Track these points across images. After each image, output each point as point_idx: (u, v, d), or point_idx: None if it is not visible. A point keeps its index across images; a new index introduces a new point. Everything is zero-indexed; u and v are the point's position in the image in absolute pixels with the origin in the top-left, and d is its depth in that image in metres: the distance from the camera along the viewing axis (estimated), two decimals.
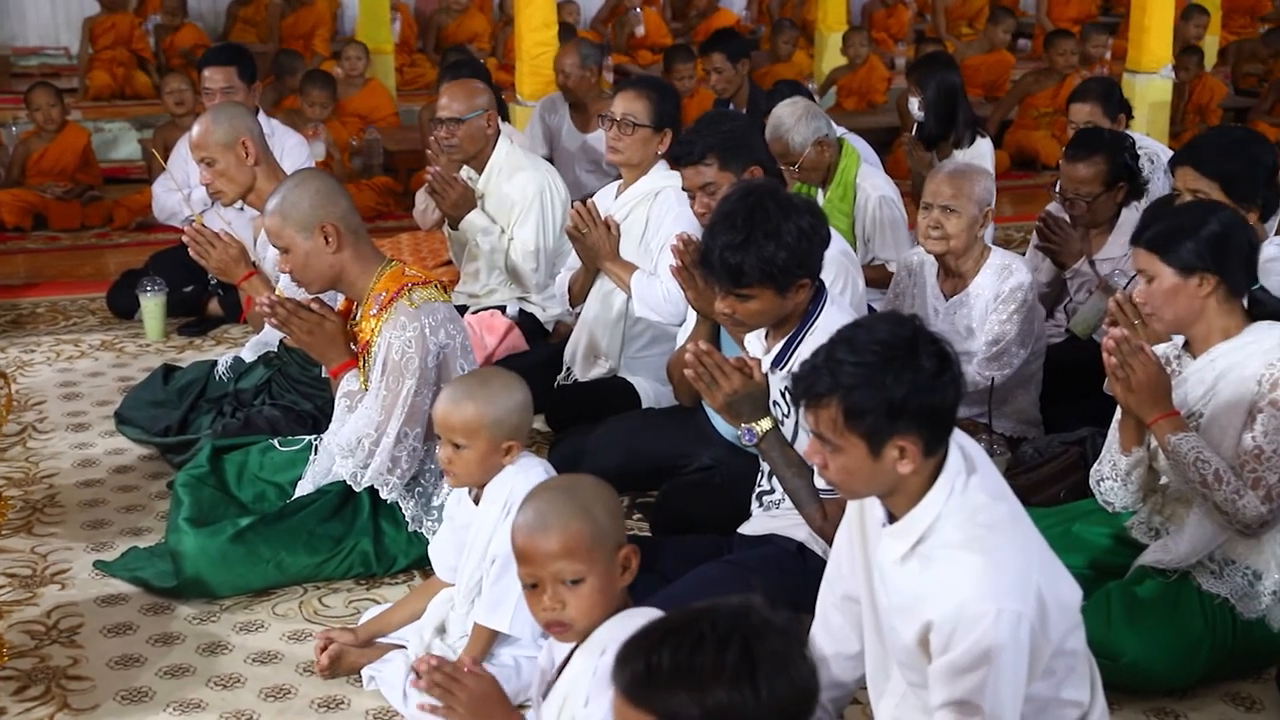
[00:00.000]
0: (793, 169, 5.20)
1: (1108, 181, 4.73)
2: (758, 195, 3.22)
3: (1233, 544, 3.24)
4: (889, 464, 2.38)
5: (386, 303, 3.65)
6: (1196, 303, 3.19)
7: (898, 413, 2.34)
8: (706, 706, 1.69)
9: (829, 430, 2.39)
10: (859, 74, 10.40)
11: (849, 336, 2.40)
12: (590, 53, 6.92)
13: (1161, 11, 8.53)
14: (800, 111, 5.25)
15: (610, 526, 2.43)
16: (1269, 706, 3.20)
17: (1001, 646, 2.29)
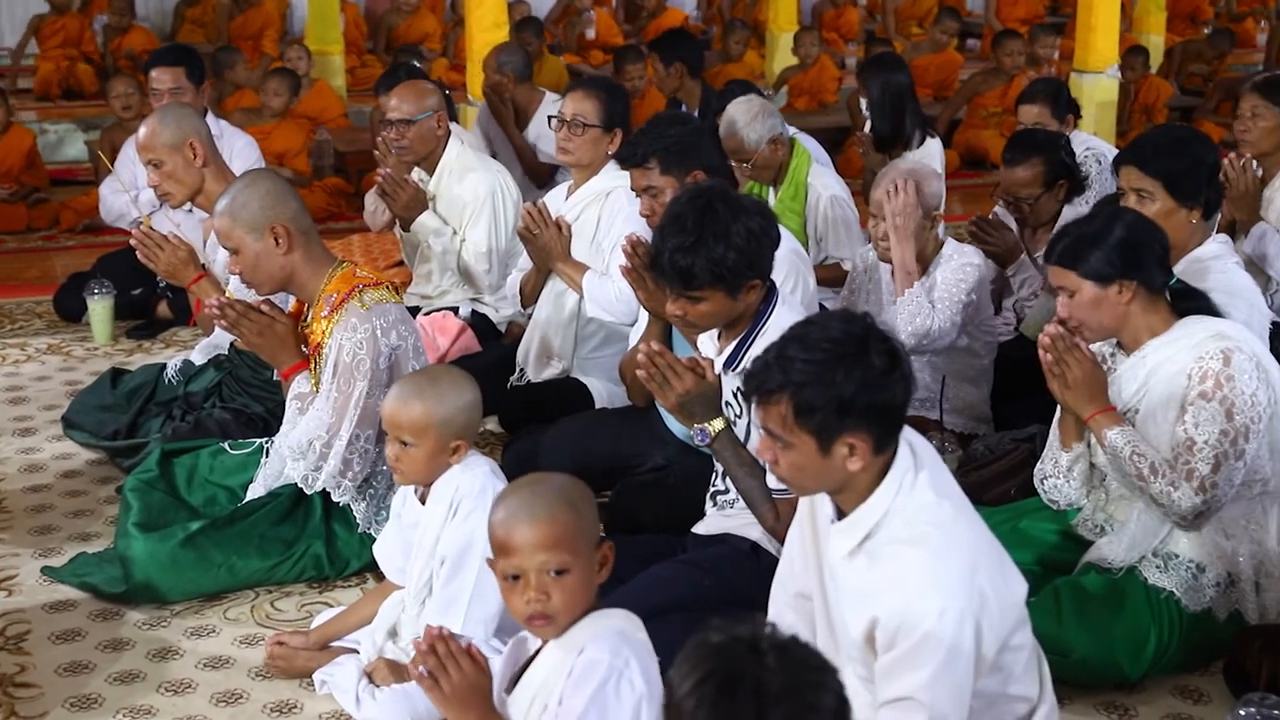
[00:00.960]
0: (745, 166, 5.23)
1: (1047, 181, 4.79)
2: (707, 197, 3.23)
3: (1176, 538, 3.28)
4: (838, 461, 2.39)
5: (338, 304, 3.63)
6: (1120, 309, 3.24)
7: (847, 410, 2.35)
8: None
9: (779, 427, 2.40)
10: (810, 74, 10.45)
11: (801, 334, 2.42)
12: (507, 59, 6.89)
13: (1108, 12, 8.63)
14: (755, 110, 5.28)
15: (592, 520, 2.43)
16: (1216, 699, 3.24)
17: (946, 643, 2.31)
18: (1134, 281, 3.23)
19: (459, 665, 2.39)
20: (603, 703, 2.28)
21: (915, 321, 4.16)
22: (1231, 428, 3.14)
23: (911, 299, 4.18)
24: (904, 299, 4.20)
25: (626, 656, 2.32)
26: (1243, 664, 3.15)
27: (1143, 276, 3.24)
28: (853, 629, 2.45)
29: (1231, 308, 3.53)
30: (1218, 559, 3.27)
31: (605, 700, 2.29)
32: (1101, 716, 3.21)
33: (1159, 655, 3.26)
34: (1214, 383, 3.15)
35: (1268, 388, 3.19)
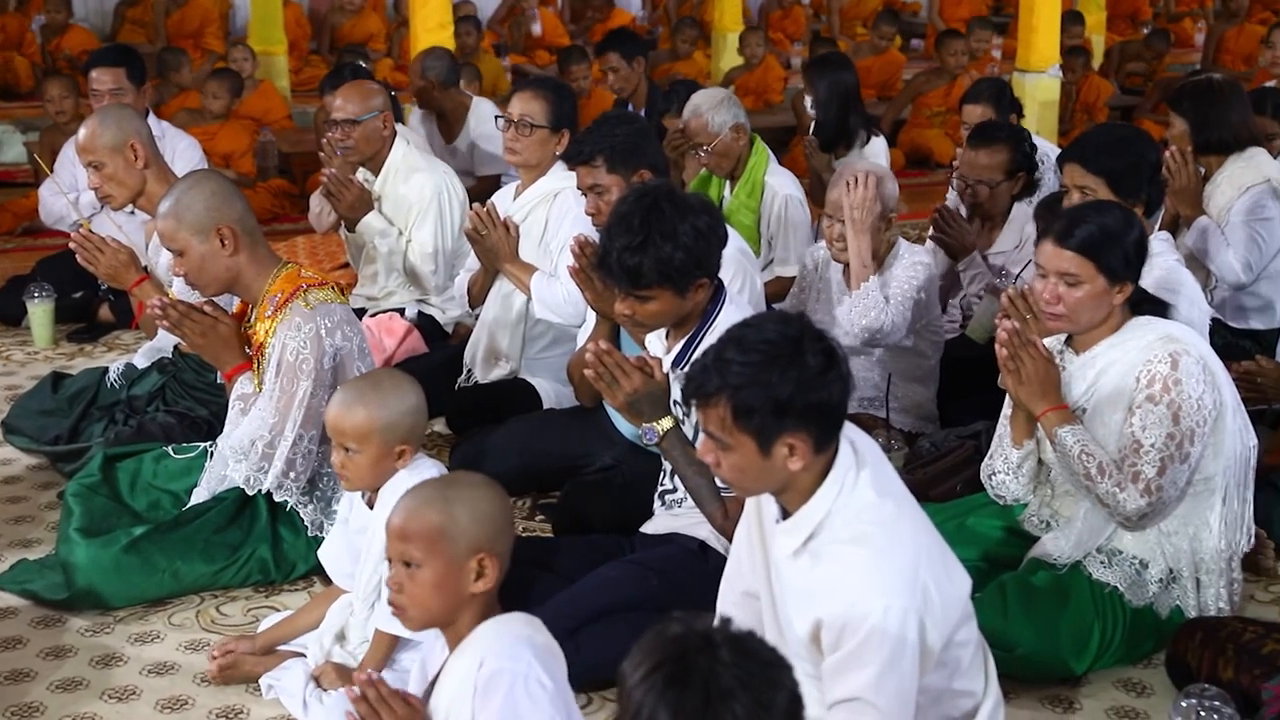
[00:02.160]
0: (703, 152, 5.25)
1: (1009, 170, 4.84)
2: (653, 197, 3.24)
3: (1120, 535, 3.31)
4: (779, 461, 2.40)
5: (281, 304, 3.61)
6: (1109, 306, 3.26)
7: (784, 411, 2.37)
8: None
9: (719, 429, 2.41)
10: (755, 74, 10.49)
11: (737, 336, 2.43)
12: (432, 64, 6.87)
13: (1049, 12, 8.71)
14: (720, 97, 5.36)
15: (468, 528, 2.38)
16: (1159, 691, 3.28)
17: (891, 641, 2.33)
18: (1131, 285, 3.26)
19: (392, 710, 2.37)
20: (514, 708, 2.26)
21: (869, 316, 4.18)
22: (1178, 431, 3.17)
23: (866, 293, 4.20)
24: (859, 293, 4.21)
25: (527, 659, 2.31)
26: (1184, 657, 3.19)
27: (1136, 281, 3.28)
28: (798, 628, 2.46)
29: (1173, 303, 3.57)
30: (1160, 555, 3.31)
31: (517, 705, 2.27)
32: (1046, 710, 3.23)
33: (1103, 649, 3.29)
34: (1161, 386, 3.18)
35: (1214, 390, 3.23)
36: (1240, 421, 3.34)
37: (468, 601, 2.40)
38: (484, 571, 2.39)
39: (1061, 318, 3.27)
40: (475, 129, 6.83)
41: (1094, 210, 3.36)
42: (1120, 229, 3.25)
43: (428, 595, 2.38)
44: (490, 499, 2.45)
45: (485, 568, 2.39)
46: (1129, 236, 3.25)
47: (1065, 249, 3.24)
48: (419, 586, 2.38)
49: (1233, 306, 4.99)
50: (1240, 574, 3.42)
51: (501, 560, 2.41)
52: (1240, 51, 11.09)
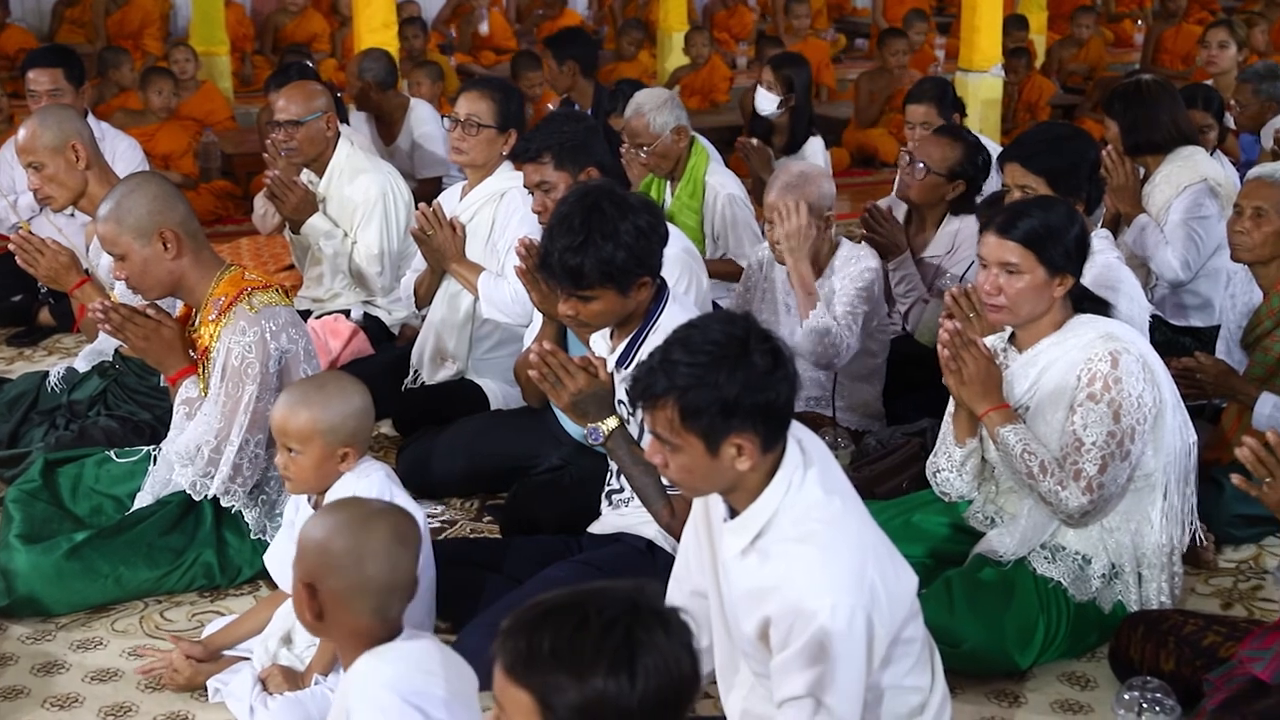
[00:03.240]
0: (642, 154, 5.25)
1: (952, 170, 4.81)
2: (594, 196, 3.24)
3: (1064, 531, 3.35)
4: (727, 462, 2.41)
5: (226, 307, 3.58)
6: (1050, 300, 3.30)
7: (732, 411, 2.37)
8: (583, 690, 1.72)
9: (666, 430, 2.42)
10: (701, 73, 10.51)
11: (683, 337, 2.44)
12: (369, 66, 6.84)
13: (991, 12, 8.79)
14: (664, 98, 5.37)
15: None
16: (1102, 684, 3.32)
17: (839, 639, 2.34)
18: (1073, 278, 3.29)
19: None
20: None
21: (824, 343, 4.19)
22: (1119, 429, 3.20)
23: (816, 321, 4.21)
24: (811, 325, 4.21)
25: (396, 710, 2.32)
26: (1127, 650, 3.23)
27: (1077, 275, 3.31)
28: (746, 627, 2.47)
29: (1111, 300, 3.61)
30: (1103, 551, 3.35)
31: None
32: (992, 705, 3.26)
33: (1047, 644, 3.33)
34: (1102, 384, 3.21)
35: (1154, 388, 3.27)
36: (1180, 418, 3.38)
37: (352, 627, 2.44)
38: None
39: (1002, 309, 3.30)
40: (415, 131, 6.80)
41: (1036, 204, 3.40)
42: (1062, 222, 3.29)
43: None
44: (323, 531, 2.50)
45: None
46: (1070, 230, 3.28)
47: (1007, 239, 3.28)
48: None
49: (1173, 304, 5.05)
50: (1181, 568, 3.47)
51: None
52: (1178, 51, 11.21)
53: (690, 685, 1.79)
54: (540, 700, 1.75)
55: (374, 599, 2.43)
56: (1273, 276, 4.00)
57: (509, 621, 1.80)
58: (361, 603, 2.42)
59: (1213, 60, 7.66)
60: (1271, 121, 6.48)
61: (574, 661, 1.73)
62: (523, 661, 1.76)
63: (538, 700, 1.75)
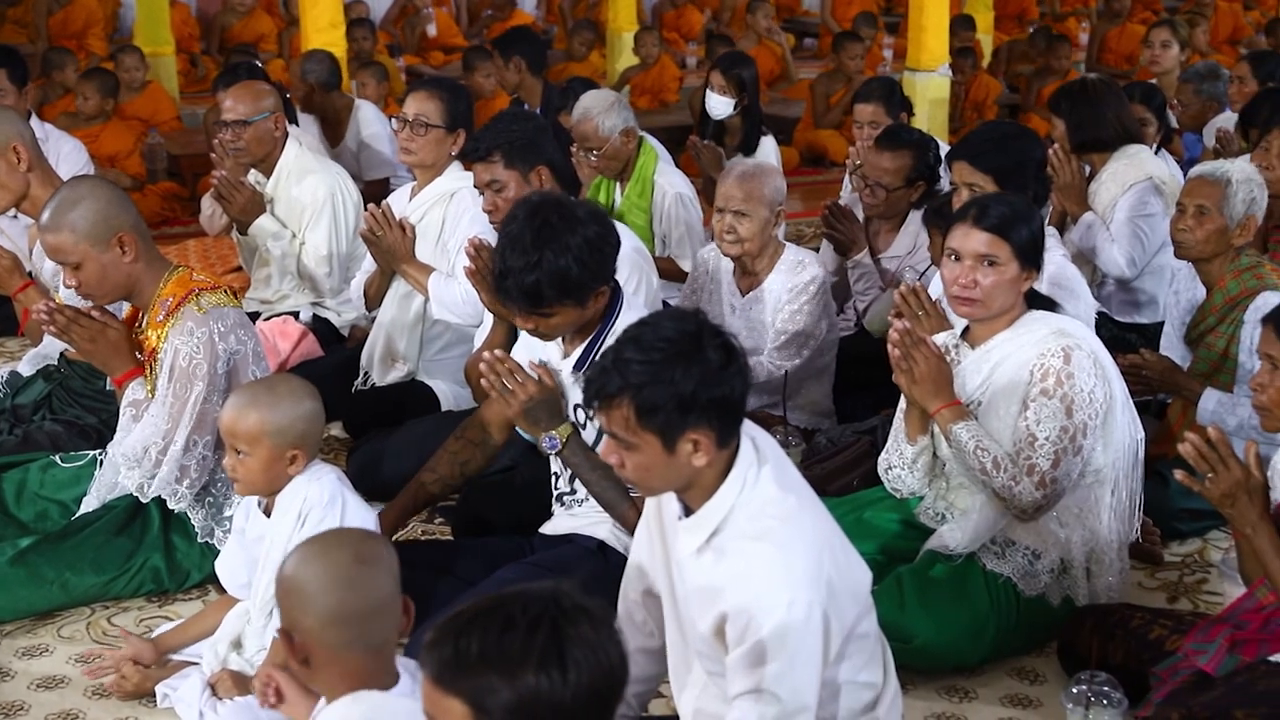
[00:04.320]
0: (592, 156, 5.25)
1: (909, 177, 4.88)
2: (541, 213, 3.19)
3: (1013, 526, 3.37)
4: (684, 458, 2.41)
5: (173, 308, 3.55)
6: (1017, 295, 3.32)
7: (688, 406, 2.37)
8: (516, 689, 1.71)
9: (623, 429, 2.41)
10: (651, 73, 10.52)
11: (635, 336, 2.44)
12: (312, 68, 6.81)
13: (938, 12, 8.85)
14: (611, 100, 5.37)
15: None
16: (1051, 678, 3.35)
17: (796, 635, 2.34)
18: (1036, 274, 3.32)
19: None
20: None
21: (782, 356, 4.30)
22: (1071, 424, 3.23)
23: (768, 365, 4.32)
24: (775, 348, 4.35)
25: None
26: (1075, 644, 3.26)
27: (1039, 270, 3.34)
28: (702, 625, 2.47)
29: (1059, 298, 3.64)
30: (1052, 546, 3.38)
31: None
32: (943, 700, 3.29)
33: (997, 639, 3.35)
34: (1055, 380, 3.24)
35: (1104, 384, 3.30)
36: (1129, 414, 3.42)
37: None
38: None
39: (975, 302, 3.30)
40: (361, 132, 6.76)
41: (1003, 197, 3.43)
42: (1029, 214, 3.33)
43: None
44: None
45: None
46: (1034, 223, 3.32)
47: (983, 230, 3.29)
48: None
49: (1119, 301, 5.11)
50: (1128, 562, 3.51)
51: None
52: (1122, 51, 11.32)
53: (620, 674, 1.80)
54: (473, 705, 1.74)
55: (351, 628, 2.28)
56: (1215, 273, 4.05)
57: (433, 633, 1.78)
58: (339, 634, 2.27)
59: (1156, 60, 7.75)
60: (1213, 120, 6.56)
61: (503, 661, 1.72)
62: (451, 668, 1.74)
63: (470, 705, 1.74)
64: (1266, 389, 2.86)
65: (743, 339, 4.38)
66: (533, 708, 1.72)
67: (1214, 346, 4.05)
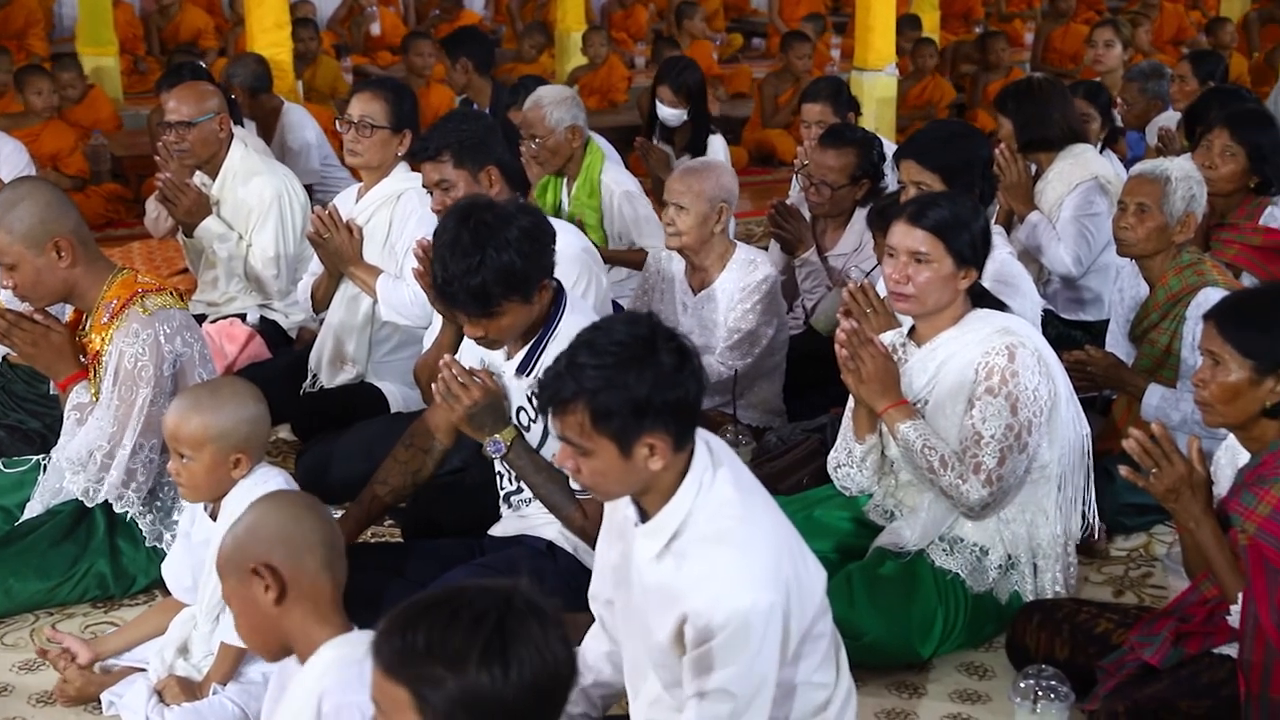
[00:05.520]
0: (535, 143, 5.26)
1: (854, 175, 4.91)
2: (474, 214, 3.18)
3: (961, 523, 3.40)
4: (640, 462, 2.40)
5: (118, 311, 3.52)
6: (954, 292, 3.34)
7: (644, 411, 2.37)
8: (458, 683, 1.74)
9: (577, 434, 2.40)
10: (599, 73, 10.52)
11: (589, 340, 2.42)
12: (236, 71, 6.77)
13: (884, 11, 8.90)
14: (565, 95, 5.42)
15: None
16: (999, 673, 3.37)
17: (755, 634, 2.35)
18: (975, 272, 3.34)
19: None
20: None
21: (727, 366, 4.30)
22: (1016, 422, 3.26)
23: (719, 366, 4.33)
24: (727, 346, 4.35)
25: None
26: (1023, 639, 3.28)
27: (980, 270, 3.36)
28: (660, 632, 2.45)
29: (1005, 296, 3.67)
30: (1000, 542, 3.40)
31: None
32: (893, 696, 3.31)
33: (946, 634, 3.37)
34: (999, 378, 3.26)
35: (1048, 381, 3.33)
36: (1074, 410, 3.45)
37: (279, 616, 2.40)
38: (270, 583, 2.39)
39: (910, 298, 3.33)
40: (285, 137, 6.72)
41: (944, 196, 3.45)
42: (969, 215, 3.35)
43: (239, 614, 2.47)
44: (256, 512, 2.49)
45: (266, 579, 2.40)
46: (976, 224, 3.34)
47: (917, 228, 3.31)
48: (233, 606, 2.48)
49: (1064, 299, 5.15)
50: (1075, 557, 3.54)
51: (289, 567, 2.42)
52: (1067, 50, 11.43)
53: (566, 674, 1.81)
54: (416, 695, 1.77)
55: (321, 553, 2.42)
56: (1158, 270, 4.09)
57: (384, 623, 1.82)
58: (313, 559, 2.40)
59: (1100, 59, 7.82)
60: (1156, 119, 6.64)
61: (447, 655, 1.75)
62: (397, 658, 1.78)
63: (413, 695, 1.77)
64: (1208, 384, 2.90)
65: (695, 338, 4.41)
66: (474, 702, 1.75)
67: (1157, 343, 4.09)
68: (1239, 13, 12.28)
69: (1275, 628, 2.75)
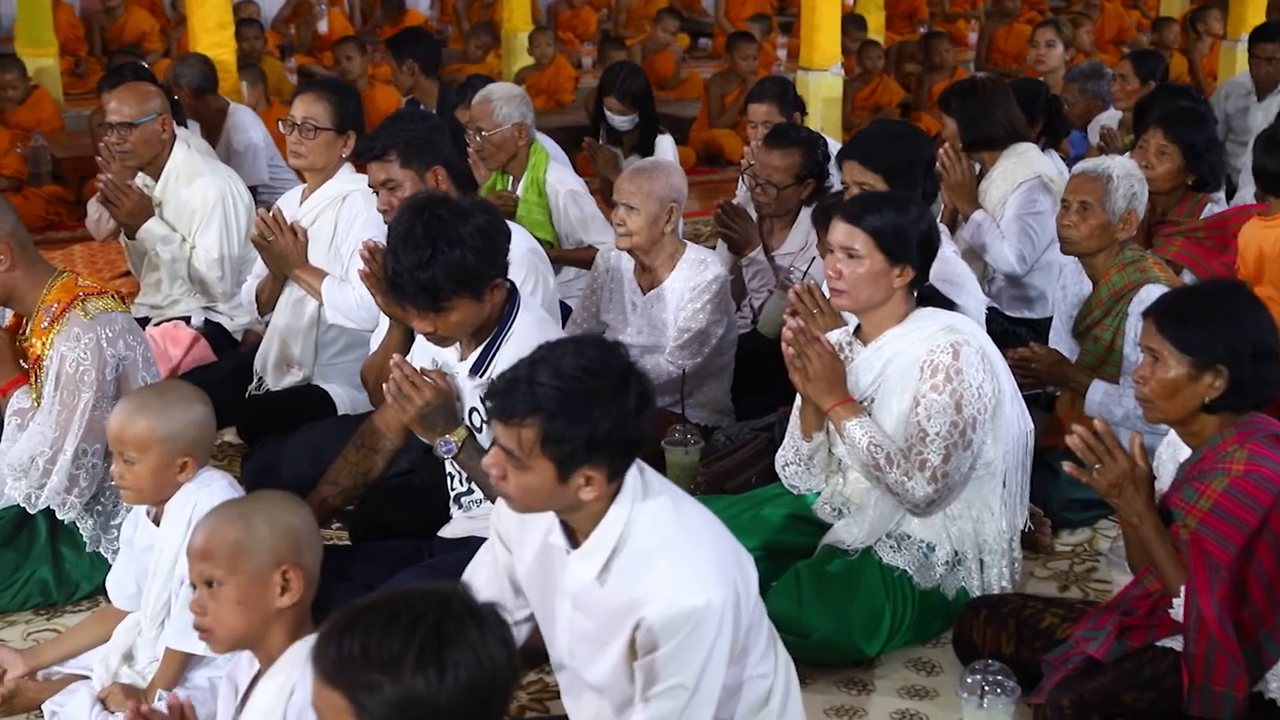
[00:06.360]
0: (481, 137, 5.25)
1: (799, 175, 4.92)
2: (429, 209, 3.18)
3: (908, 520, 3.42)
4: (573, 489, 2.39)
5: (58, 314, 3.49)
6: (890, 290, 3.36)
7: (596, 447, 2.35)
8: (393, 687, 1.73)
9: (519, 449, 2.37)
10: (546, 73, 10.50)
11: (554, 360, 2.37)
12: (183, 71, 6.73)
13: (830, 11, 8.93)
14: (515, 93, 5.46)
15: (268, 540, 2.40)
16: (947, 668, 3.40)
17: (710, 633, 2.36)
18: (913, 270, 3.35)
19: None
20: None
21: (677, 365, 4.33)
22: (961, 419, 3.28)
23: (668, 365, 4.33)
24: (676, 345, 4.36)
25: None
26: (970, 634, 3.31)
27: (920, 267, 3.38)
28: (614, 650, 2.44)
29: (951, 294, 3.69)
30: (946, 538, 3.43)
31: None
32: (842, 693, 3.32)
33: (894, 631, 3.40)
34: (944, 376, 3.28)
35: (993, 379, 3.35)
36: (1018, 407, 3.48)
37: (275, 618, 2.39)
38: (288, 585, 2.39)
39: (842, 293, 3.36)
40: (231, 139, 6.67)
41: (885, 195, 3.48)
42: (907, 214, 3.36)
43: (231, 613, 2.38)
44: (290, 511, 2.47)
45: (289, 580, 2.39)
46: (915, 222, 3.35)
47: (849, 224, 3.35)
48: (222, 605, 2.39)
49: (1009, 296, 5.20)
50: (1020, 553, 3.57)
51: (308, 573, 2.41)
52: (1010, 50, 11.52)
53: (505, 678, 1.80)
54: (352, 700, 1.76)
55: (320, 560, 2.45)
56: (1101, 267, 4.14)
57: (324, 627, 1.81)
58: (316, 566, 2.43)
59: (1041, 59, 7.90)
60: (1098, 118, 6.71)
61: (382, 659, 1.74)
62: (334, 665, 1.77)
63: (350, 702, 1.76)
64: (1148, 381, 2.93)
65: (644, 337, 4.44)
66: (410, 706, 1.74)
67: (1100, 339, 4.13)
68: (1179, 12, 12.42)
69: (1217, 620, 2.79)
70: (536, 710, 3.18)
